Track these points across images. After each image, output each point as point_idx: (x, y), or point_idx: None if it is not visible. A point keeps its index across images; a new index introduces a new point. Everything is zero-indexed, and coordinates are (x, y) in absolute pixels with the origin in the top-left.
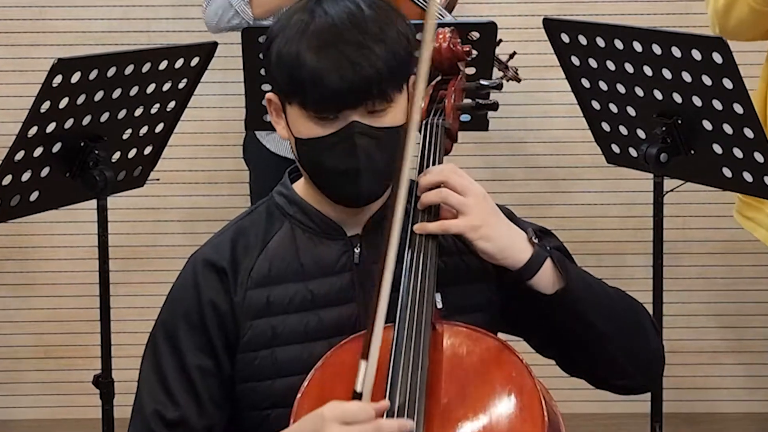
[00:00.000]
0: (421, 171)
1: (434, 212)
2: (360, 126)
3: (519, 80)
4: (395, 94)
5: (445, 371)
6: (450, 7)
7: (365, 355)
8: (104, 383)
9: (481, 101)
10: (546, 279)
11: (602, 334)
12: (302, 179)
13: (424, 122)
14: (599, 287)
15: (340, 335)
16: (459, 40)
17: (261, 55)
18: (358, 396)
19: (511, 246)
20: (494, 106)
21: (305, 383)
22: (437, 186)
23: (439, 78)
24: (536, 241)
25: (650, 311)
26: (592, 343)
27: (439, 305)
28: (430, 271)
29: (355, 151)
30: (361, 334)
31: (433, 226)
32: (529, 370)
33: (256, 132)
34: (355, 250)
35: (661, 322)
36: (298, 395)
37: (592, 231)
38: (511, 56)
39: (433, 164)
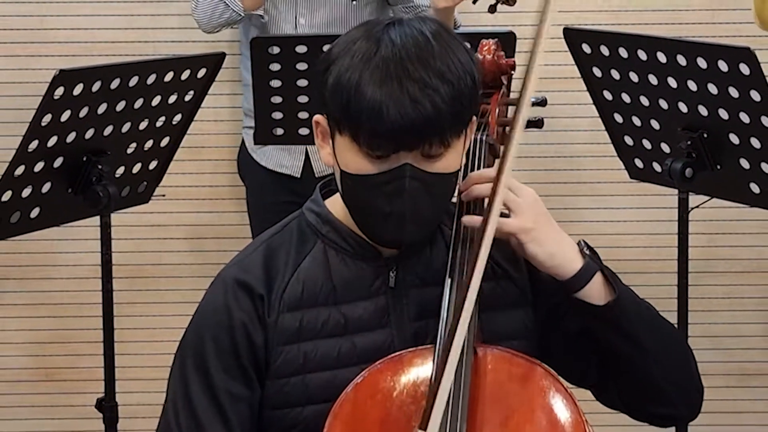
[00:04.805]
0: None
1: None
2: (412, 170)
3: (513, 2)
4: (453, 139)
5: (487, 397)
6: None
7: (424, 425)
8: (108, 407)
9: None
10: (595, 291)
11: (648, 354)
12: (337, 196)
13: None
14: (645, 306)
15: (373, 361)
16: (503, 53)
17: (272, 66)
18: None
19: (563, 254)
20: (539, 123)
21: (337, 405)
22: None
23: (480, 92)
24: (587, 252)
25: None
26: (638, 363)
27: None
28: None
29: (403, 195)
30: (396, 356)
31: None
32: (574, 400)
33: (248, 148)
34: (391, 273)
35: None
36: (329, 417)
37: (615, 249)
38: None
39: None
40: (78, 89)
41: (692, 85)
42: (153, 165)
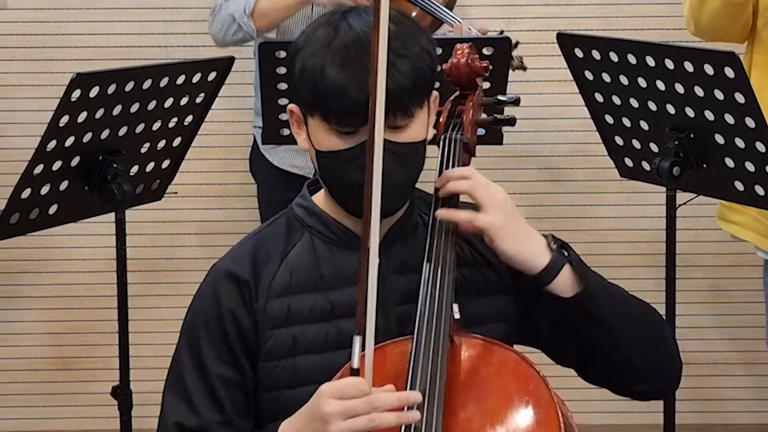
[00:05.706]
0: None
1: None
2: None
3: (525, 69)
4: (416, 109)
5: (463, 383)
6: (450, 5)
7: (360, 330)
8: (122, 394)
9: (498, 116)
10: (565, 283)
11: (621, 338)
12: (322, 191)
13: (442, 137)
14: (617, 292)
15: None
16: (477, 56)
17: (279, 69)
18: (355, 373)
19: (531, 249)
20: (511, 121)
21: None
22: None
23: (457, 93)
24: (554, 247)
25: None
26: (611, 346)
27: (457, 315)
28: (449, 284)
29: None
30: (378, 347)
31: (462, 215)
32: (545, 382)
33: (261, 147)
34: None
35: (673, 334)
36: None
37: (605, 244)
38: (515, 46)
39: None
40: (94, 92)
41: (679, 88)
42: (166, 164)
